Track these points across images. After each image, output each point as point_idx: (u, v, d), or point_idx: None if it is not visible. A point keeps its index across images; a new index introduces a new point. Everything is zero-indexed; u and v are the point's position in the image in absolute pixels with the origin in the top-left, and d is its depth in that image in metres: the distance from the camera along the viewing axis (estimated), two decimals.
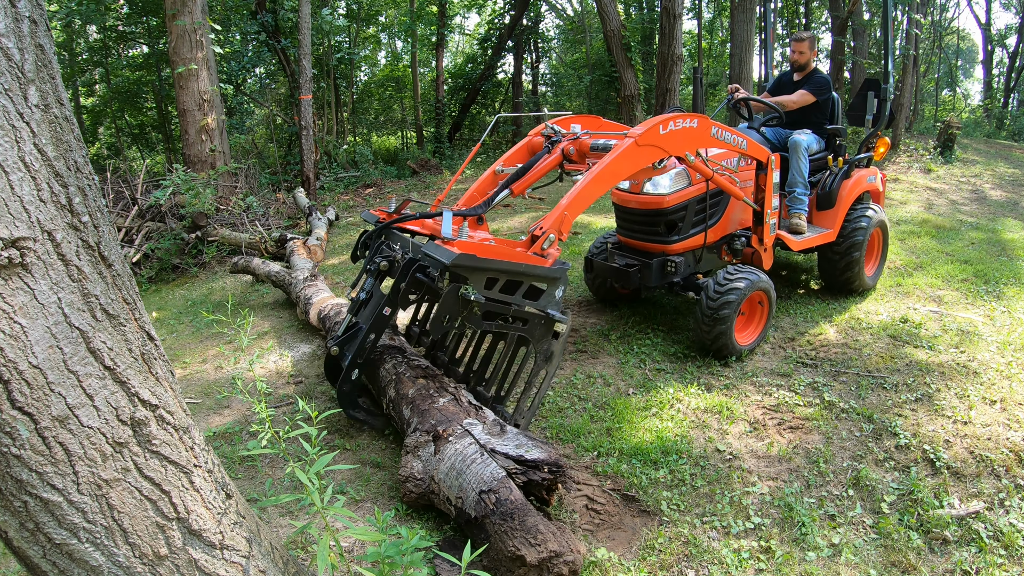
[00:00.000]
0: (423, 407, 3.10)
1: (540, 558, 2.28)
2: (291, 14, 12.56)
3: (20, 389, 1.32)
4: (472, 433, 2.79)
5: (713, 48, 22.76)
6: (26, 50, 1.31)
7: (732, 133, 4.02)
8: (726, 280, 4.09)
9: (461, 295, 2.80)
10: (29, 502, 1.40)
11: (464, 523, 2.56)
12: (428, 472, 2.78)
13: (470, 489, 2.53)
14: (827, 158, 5.19)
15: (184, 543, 1.61)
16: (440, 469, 2.71)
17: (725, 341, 4.11)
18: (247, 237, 7.56)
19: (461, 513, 2.55)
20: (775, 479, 3.10)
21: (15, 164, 1.28)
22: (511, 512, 2.39)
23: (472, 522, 2.50)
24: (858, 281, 5.13)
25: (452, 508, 2.62)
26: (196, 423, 1.74)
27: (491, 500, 2.44)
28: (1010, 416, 3.46)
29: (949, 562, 2.59)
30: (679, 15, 12.86)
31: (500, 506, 2.41)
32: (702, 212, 4.37)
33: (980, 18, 26.95)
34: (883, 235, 5.36)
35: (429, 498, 2.80)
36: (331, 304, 4.72)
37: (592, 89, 16.49)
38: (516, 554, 2.29)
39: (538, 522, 2.36)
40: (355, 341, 3.35)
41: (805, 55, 5.19)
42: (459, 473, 2.62)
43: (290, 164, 12.48)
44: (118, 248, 1.56)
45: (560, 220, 3.17)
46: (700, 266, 4.52)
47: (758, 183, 4.47)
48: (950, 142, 11.57)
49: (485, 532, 2.43)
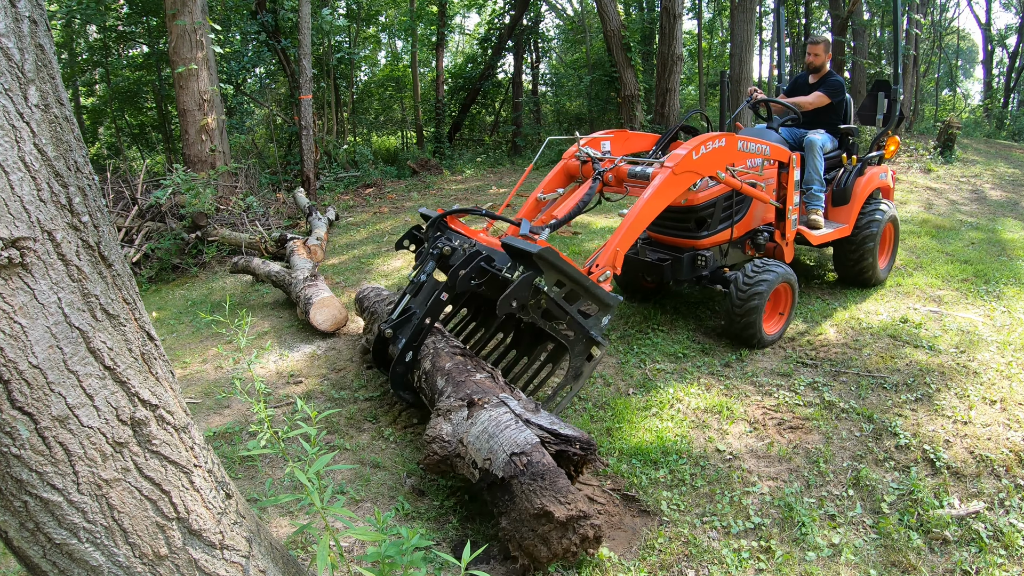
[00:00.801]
0: (459, 379, 3.15)
1: (568, 515, 2.30)
2: (291, 14, 12.56)
3: (20, 389, 1.32)
4: (508, 404, 2.83)
5: (713, 48, 22.77)
6: (26, 50, 1.31)
7: (756, 143, 4.29)
8: (754, 272, 4.27)
9: (535, 284, 3.03)
10: (29, 502, 1.40)
11: (487, 486, 2.56)
12: (457, 435, 2.80)
13: (500, 451, 2.54)
14: (841, 156, 5.40)
15: (184, 543, 1.61)
16: (471, 432, 2.72)
17: (754, 331, 4.29)
18: (247, 237, 7.56)
19: (486, 475, 2.54)
20: (775, 479, 3.10)
21: (15, 164, 1.28)
22: (542, 473, 2.40)
23: (497, 483, 2.49)
24: (872, 273, 5.32)
25: (476, 471, 2.61)
26: (196, 423, 1.74)
27: (522, 462, 2.45)
28: (1010, 416, 3.46)
29: (949, 562, 2.59)
30: (679, 15, 12.87)
31: (531, 467, 2.42)
32: (729, 209, 4.59)
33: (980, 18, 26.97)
34: (895, 230, 5.59)
35: (452, 462, 2.80)
36: (369, 287, 4.83)
37: (592, 89, 16.48)
38: (544, 510, 2.30)
39: (568, 485, 2.38)
40: (409, 325, 3.47)
41: (820, 57, 5.37)
42: (490, 436, 2.63)
43: (290, 164, 12.49)
44: (118, 248, 1.56)
45: (613, 256, 3.51)
46: (726, 260, 4.75)
47: (780, 181, 4.68)
48: (950, 142, 11.57)
49: (510, 493, 2.43)
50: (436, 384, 3.25)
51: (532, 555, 2.38)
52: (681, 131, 4.99)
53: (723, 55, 22.27)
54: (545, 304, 3.10)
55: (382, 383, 4.16)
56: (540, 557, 2.36)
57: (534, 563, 2.41)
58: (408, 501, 3.00)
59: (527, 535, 2.37)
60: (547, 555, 2.35)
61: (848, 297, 5.26)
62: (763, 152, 4.37)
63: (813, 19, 21.01)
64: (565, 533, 2.33)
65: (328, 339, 4.90)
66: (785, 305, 4.56)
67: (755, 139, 4.31)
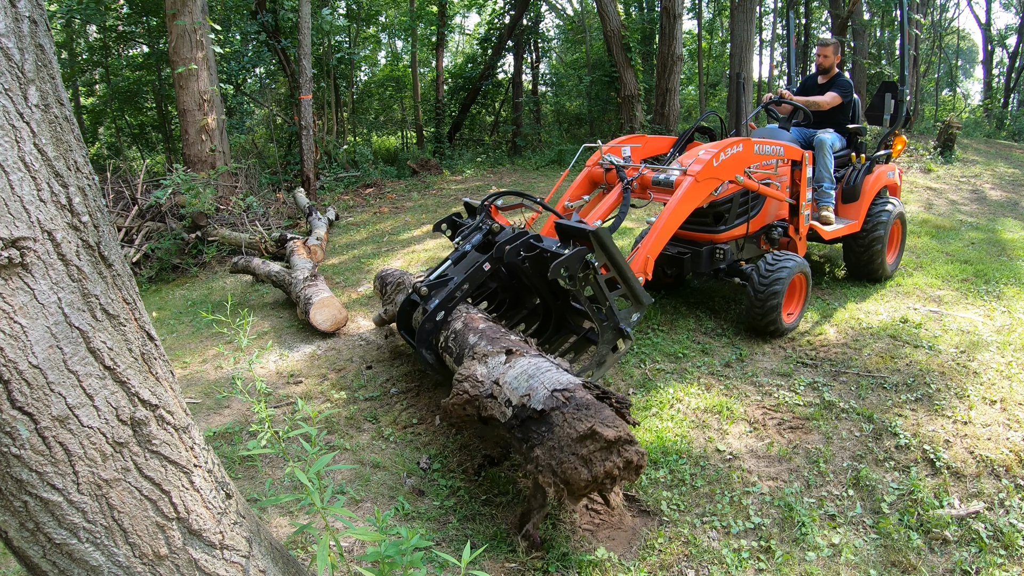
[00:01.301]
0: (494, 336, 3.18)
1: (617, 435, 2.31)
2: (291, 14, 12.56)
3: (20, 389, 1.32)
4: (546, 357, 2.86)
5: (713, 48, 22.76)
6: (26, 50, 1.31)
7: (771, 144, 4.55)
8: (773, 264, 4.46)
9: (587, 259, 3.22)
10: (29, 502, 1.40)
11: (520, 422, 2.54)
12: (492, 375, 2.80)
13: (541, 388, 2.53)
14: (850, 155, 5.59)
15: (184, 543, 1.61)
16: (508, 374, 2.73)
17: (776, 320, 4.45)
18: (247, 237, 7.56)
19: (522, 410, 2.53)
20: (775, 479, 3.10)
21: (15, 164, 1.28)
22: (586, 404, 2.40)
23: (534, 417, 2.47)
24: (880, 268, 5.48)
25: (509, 409, 2.59)
26: (196, 423, 1.74)
27: (564, 395, 2.45)
28: (1010, 416, 3.46)
29: (949, 562, 2.59)
30: (679, 15, 12.87)
31: (573, 400, 2.42)
32: (745, 205, 4.76)
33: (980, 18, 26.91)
34: (902, 226, 5.79)
35: (481, 403, 2.78)
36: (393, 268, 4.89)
37: (592, 89, 16.47)
38: (591, 429, 2.30)
39: (614, 415, 2.39)
40: (445, 288, 3.55)
41: (829, 59, 5.55)
42: (530, 376, 2.64)
43: (290, 164, 12.48)
44: (118, 248, 1.56)
45: (644, 262, 3.81)
46: (742, 254, 4.92)
47: (793, 179, 4.91)
48: (950, 142, 11.57)
49: (549, 423, 2.41)
50: (468, 340, 3.23)
51: (569, 480, 2.30)
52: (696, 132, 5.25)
53: (723, 55, 22.26)
54: (592, 279, 3.27)
55: (382, 383, 4.16)
56: (578, 481, 2.29)
57: (568, 489, 2.33)
58: (408, 501, 3.01)
59: (567, 459, 2.31)
60: (587, 478, 2.29)
61: (848, 297, 5.26)
62: (778, 153, 4.61)
63: (813, 19, 21.02)
64: (609, 455, 2.30)
65: (328, 339, 4.90)
66: (800, 295, 4.73)
67: (769, 140, 4.57)
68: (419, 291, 3.61)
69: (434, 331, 3.53)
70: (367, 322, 5.23)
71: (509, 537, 2.74)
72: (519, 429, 2.55)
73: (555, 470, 2.34)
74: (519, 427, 2.54)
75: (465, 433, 3.51)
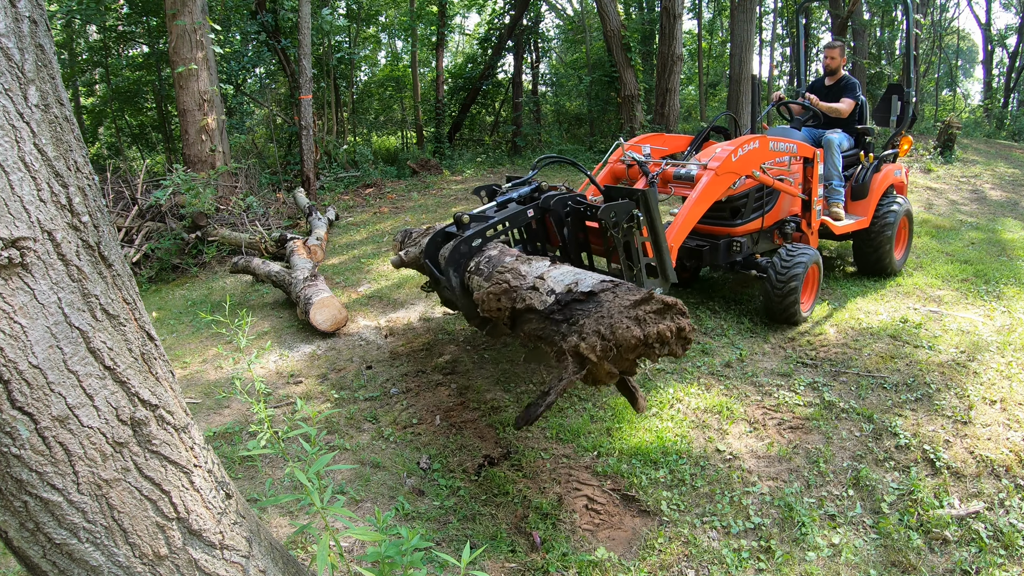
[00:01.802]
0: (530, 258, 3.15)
1: (672, 302, 2.35)
2: (291, 14, 12.55)
3: (20, 389, 1.32)
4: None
5: (713, 48, 22.76)
6: (26, 50, 1.31)
7: (785, 142, 4.75)
8: (790, 256, 4.63)
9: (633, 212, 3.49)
10: (29, 502, 1.40)
11: (563, 305, 2.53)
12: (535, 272, 2.82)
13: (589, 279, 2.56)
14: (859, 154, 5.74)
15: (184, 543, 1.61)
16: (552, 273, 2.74)
17: (795, 309, 4.64)
18: (247, 237, 7.56)
19: (567, 295, 2.53)
20: (775, 479, 3.10)
21: (15, 164, 1.28)
22: (635, 289, 2.45)
23: (580, 299, 2.47)
24: (889, 263, 5.63)
25: (551, 297, 2.59)
26: (196, 423, 1.74)
27: (611, 284, 2.49)
28: (1010, 416, 3.46)
29: (949, 562, 2.59)
30: (679, 15, 12.87)
31: (622, 285, 2.47)
32: (760, 200, 4.93)
33: (980, 18, 26.90)
34: (909, 223, 5.93)
35: (520, 294, 2.76)
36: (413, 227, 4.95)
37: (592, 89, 16.46)
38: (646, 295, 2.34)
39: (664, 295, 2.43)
40: (486, 221, 3.59)
41: (836, 60, 5.76)
42: (576, 273, 2.68)
43: (290, 164, 12.47)
44: (118, 248, 1.56)
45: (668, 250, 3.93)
46: (757, 248, 5.08)
47: (805, 175, 5.09)
48: (950, 142, 11.57)
49: (597, 301, 2.43)
50: (504, 261, 3.17)
51: (618, 339, 2.28)
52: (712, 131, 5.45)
53: (723, 55, 22.25)
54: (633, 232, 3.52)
55: (382, 383, 4.16)
56: (628, 340, 2.26)
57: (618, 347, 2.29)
58: (408, 501, 3.00)
59: (618, 321, 2.29)
60: (638, 336, 2.27)
61: (848, 297, 5.27)
62: (791, 150, 4.81)
63: (813, 19, 21.02)
64: (663, 319, 2.32)
65: (328, 339, 4.90)
66: (813, 286, 4.91)
67: (783, 138, 4.77)
68: (460, 219, 3.55)
69: (468, 256, 3.44)
70: (367, 322, 5.23)
71: (509, 537, 2.74)
72: (560, 312, 2.52)
73: (603, 333, 2.30)
74: (561, 310, 2.52)
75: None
